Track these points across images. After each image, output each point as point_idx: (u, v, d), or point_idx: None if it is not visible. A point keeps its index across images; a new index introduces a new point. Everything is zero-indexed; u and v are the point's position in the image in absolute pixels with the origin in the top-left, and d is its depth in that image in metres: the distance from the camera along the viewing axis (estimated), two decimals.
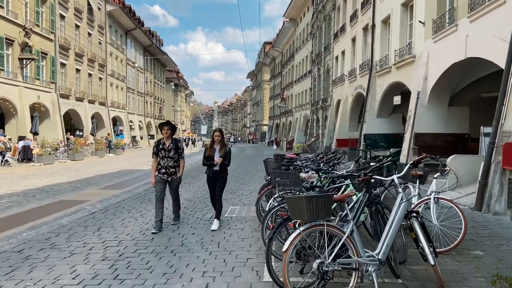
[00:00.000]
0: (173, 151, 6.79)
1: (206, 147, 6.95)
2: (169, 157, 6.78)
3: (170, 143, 6.80)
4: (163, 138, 6.86)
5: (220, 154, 6.76)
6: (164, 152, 6.77)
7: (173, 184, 6.94)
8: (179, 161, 6.93)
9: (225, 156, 6.80)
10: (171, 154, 6.79)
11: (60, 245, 5.81)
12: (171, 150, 6.76)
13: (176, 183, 6.96)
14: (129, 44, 45.20)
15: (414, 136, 12.98)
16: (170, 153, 6.77)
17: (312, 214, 3.58)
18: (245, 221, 7.50)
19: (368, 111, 18.31)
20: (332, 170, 6.19)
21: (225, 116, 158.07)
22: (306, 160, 10.11)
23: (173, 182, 6.92)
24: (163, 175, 6.85)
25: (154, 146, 6.94)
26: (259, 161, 24.14)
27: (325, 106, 29.01)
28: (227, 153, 6.85)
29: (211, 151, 6.81)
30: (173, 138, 6.90)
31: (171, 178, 6.86)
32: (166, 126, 6.79)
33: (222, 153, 6.77)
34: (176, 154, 6.83)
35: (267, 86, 68.93)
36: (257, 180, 13.92)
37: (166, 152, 6.77)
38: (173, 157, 6.81)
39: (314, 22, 32.61)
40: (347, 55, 23.18)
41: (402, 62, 15.04)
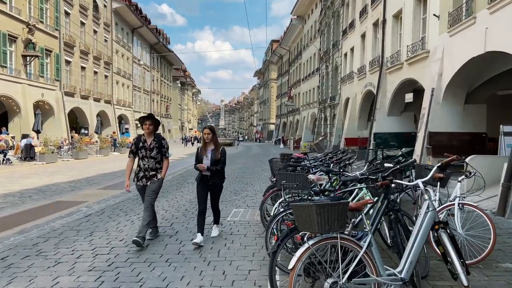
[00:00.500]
0: (155, 150, 5.73)
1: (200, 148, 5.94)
2: (151, 157, 5.72)
3: (152, 141, 5.74)
4: (144, 134, 5.80)
5: (211, 156, 5.72)
6: (145, 151, 5.71)
7: (150, 187, 5.73)
8: (162, 162, 5.86)
9: (218, 159, 5.73)
10: (153, 154, 5.72)
11: (47, 252, 5.34)
12: (153, 149, 5.71)
13: (154, 186, 5.75)
14: (135, 42, 44.91)
15: (428, 135, 12.36)
16: (152, 152, 5.71)
17: (323, 225, 3.04)
18: (249, 225, 6.97)
19: (379, 109, 17.68)
20: (343, 172, 5.64)
21: (232, 115, 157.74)
22: (314, 160, 9.58)
23: (151, 185, 5.75)
24: (141, 181, 5.77)
25: (133, 143, 5.86)
26: (265, 160, 23.56)
27: (333, 104, 28.40)
28: (221, 155, 5.79)
29: (202, 152, 5.79)
30: (156, 134, 5.84)
31: (151, 181, 5.76)
32: (148, 120, 5.74)
33: (215, 155, 5.72)
34: (159, 153, 5.77)
35: (274, 85, 68.37)
36: (262, 180, 13.39)
37: (147, 152, 5.71)
38: (155, 158, 5.74)
39: (322, 19, 31.98)
40: (356, 51, 22.55)
41: (414, 58, 14.40)
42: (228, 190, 11.15)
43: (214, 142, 5.77)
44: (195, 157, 5.88)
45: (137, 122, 44.99)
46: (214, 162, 5.68)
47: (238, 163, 21.43)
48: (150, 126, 5.73)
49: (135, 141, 5.84)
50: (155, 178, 5.80)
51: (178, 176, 14.63)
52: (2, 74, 20.75)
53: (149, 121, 5.74)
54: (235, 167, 18.95)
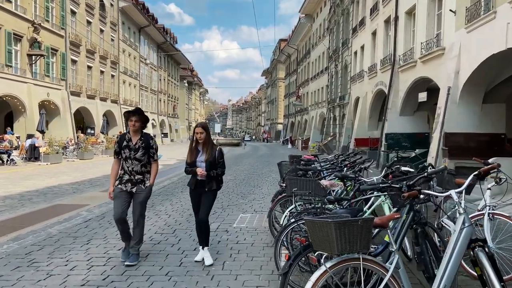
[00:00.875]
0: (141, 151, 4.92)
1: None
2: (135, 159, 4.92)
3: (138, 140, 4.93)
4: (129, 132, 5.01)
5: (206, 158, 4.86)
6: (129, 151, 4.91)
7: (138, 198, 4.94)
8: (150, 165, 5.05)
9: (213, 162, 4.88)
10: (139, 155, 4.92)
11: (40, 263, 4.95)
12: (138, 150, 4.91)
13: (143, 197, 4.95)
14: (142, 41, 44.72)
15: (444, 136, 11.81)
16: (138, 153, 4.91)
17: (343, 245, 2.59)
18: (256, 233, 6.53)
19: (390, 109, 17.12)
20: (359, 177, 5.17)
21: (239, 115, 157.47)
22: (325, 162, 9.11)
23: (139, 195, 4.94)
24: (125, 185, 4.94)
25: (116, 142, 5.11)
26: (273, 161, 23.18)
27: (342, 104, 27.85)
28: (217, 158, 4.90)
29: (193, 154, 4.92)
30: (143, 133, 5.03)
31: (137, 188, 4.94)
32: (134, 116, 4.90)
33: (209, 158, 4.85)
34: (145, 155, 4.96)
35: (282, 84, 67.87)
36: (270, 183, 12.95)
37: (131, 152, 4.91)
38: (140, 159, 4.94)
39: (332, 17, 31.43)
40: (367, 50, 22.00)
41: (429, 55, 13.84)
42: (234, 193, 10.74)
43: (207, 143, 4.92)
44: (186, 160, 5.04)
45: None
46: (210, 166, 4.85)
47: (245, 164, 21.02)
48: (136, 123, 4.90)
49: (119, 140, 5.07)
50: (142, 186, 4.98)
51: (184, 177, 14.23)
52: (7, 73, 20.57)
53: (135, 116, 4.91)
54: (242, 168, 18.54)
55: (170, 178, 14.03)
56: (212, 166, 4.88)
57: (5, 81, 20.12)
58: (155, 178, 5.16)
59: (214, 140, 35.04)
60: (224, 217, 7.78)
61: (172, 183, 12.84)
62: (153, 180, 5.12)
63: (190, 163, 4.95)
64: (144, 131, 5.10)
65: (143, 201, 5.01)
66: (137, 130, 4.97)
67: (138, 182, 4.99)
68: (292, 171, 6.72)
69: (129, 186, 4.96)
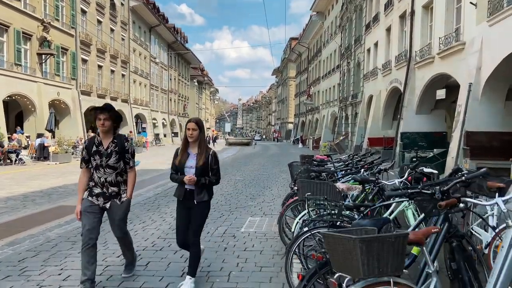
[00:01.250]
0: (115, 157, 3.94)
1: (177, 151, 4.15)
2: (108, 167, 3.93)
3: (110, 143, 3.94)
4: (98, 134, 4.02)
5: (198, 163, 3.95)
6: (100, 158, 3.91)
7: (115, 215, 4.01)
8: (126, 173, 4.08)
9: (205, 169, 3.96)
10: (112, 162, 3.93)
11: (32, 271, 4.59)
12: (111, 155, 3.92)
13: (120, 213, 4.03)
14: (153, 41, 44.59)
15: (465, 135, 11.20)
16: (111, 159, 3.92)
17: (370, 266, 2.12)
18: (265, 239, 6.08)
19: (406, 107, 16.49)
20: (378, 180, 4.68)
21: (249, 114, 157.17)
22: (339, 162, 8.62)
23: (115, 211, 4.01)
24: (96, 199, 3.97)
25: (84, 147, 4.08)
26: (284, 160, 22.69)
27: (355, 102, 27.22)
28: (210, 163, 3.99)
29: (182, 157, 4.02)
30: (116, 134, 4.04)
31: (112, 204, 3.99)
32: (103, 113, 3.86)
33: (201, 162, 3.94)
34: (120, 161, 3.98)
35: (292, 83, 67.26)
36: (280, 184, 12.48)
37: (103, 159, 3.91)
38: (115, 167, 3.96)
39: (344, 14, 30.80)
40: (381, 46, 21.37)
41: (448, 50, 13.21)
42: (243, 194, 10.31)
43: (200, 143, 3.99)
44: (171, 164, 4.14)
45: (155, 121, 44.53)
46: (201, 172, 3.93)
47: (254, 164, 20.57)
48: (105, 122, 3.85)
49: (87, 144, 4.03)
50: (118, 200, 4.00)
51: None
52: (16, 72, 20.48)
53: (103, 114, 3.86)
54: (252, 167, 18.10)
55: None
56: (204, 174, 3.96)
57: (15, 80, 20.02)
58: (133, 190, 4.14)
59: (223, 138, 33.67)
60: (231, 220, 7.35)
61: None
62: (131, 192, 4.11)
63: (177, 168, 4.03)
64: (120, 132, 4.27)
65: (121, 219, 4.07)
66: (108, 131, 3.94)
67: (112, 195, 3.98)
68: (303, 171, 6.26)
69: (102, 201, 3.98)
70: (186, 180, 3.91)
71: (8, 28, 19.95)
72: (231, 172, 15.90)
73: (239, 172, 16.01)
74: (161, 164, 18.94)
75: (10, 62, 20.16)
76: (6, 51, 20.09)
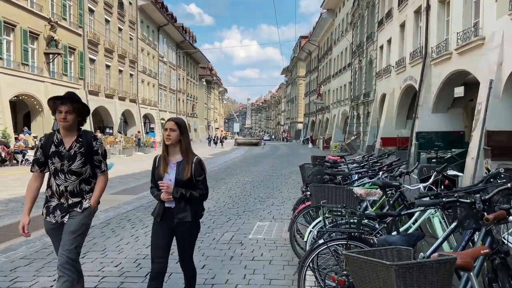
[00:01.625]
0: (80, 159, 3.11)
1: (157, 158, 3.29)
2: (72, 172, 3.11)
3: (74, 142, 3.11)
4: (58, 130, 3.17)
5: (178, 175, 3.14)
6: (61, 160, 3.10)
7: (69, 227, 3.10)
8: (93, 179, 3.25)
9: (188, 181, 3.12)
10: (76, 166, 3.11)
11: (22, 283, 4.30)
12: (75, 157, 3.10)
13: (75, 225, 3.09)
14: (161, 40, 44.40)
15: (485, 135, 10.59)
16: (74, 163, 3.10)
17: None
18: (275, 246, 5.63)
19: (422, 106, 15.87)
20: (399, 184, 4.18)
21: (258, 114, 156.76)
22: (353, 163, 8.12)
23: (71, 222, 3.11)
24: (53, 216, 3.17)
25: (38, 146, 3.21)
26: (293, 161, 22.25)
27: (367, 101, 26.59)
28: (194, 174, 3.14)
29: (162, 167, 3.19)
30: (81, 130, 3.21)
31: (71, 215, 3.13)
32: (64, 104, 3.04)
33: (184, 174, 3.12)
34: (86, 165, 3.16)
35: (302, 82, 66.62)
36: (290, 185, 12.01)
37: (64, 162, 3.10)
38: (79, 172, 3.13)
39: (355, 11, 30.17)
40: (394, 43, 20.74)
41: (466, 46, 12.60)
42: (252, 197, 9.88)
43: (182, 148, 3.16)
44: (151, 175, 3.30)
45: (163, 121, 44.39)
46: (183, 184, 3.10)
47: (264, 164, 20.12)
48: (68, 116, 3.03)
49: (43, 143, 3.16)
50: (78, 208, 3.12)
51: None
52: (24, 72, 20.33)
53: (65, 106, 3.03)
54: (261, 168, 17.65)
55: None
56: (187, 185, 3.12)
57: (22, 80, 19.87)
58: (100, 196, 3.25)
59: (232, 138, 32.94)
60: (239, 225, 6.92)
61: None
62: (97, 199, 3.21)
63: (156, 182, 3.16)
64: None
65: (73, 231, 3.03)
66: (71, 127, 3.08)
67: (72, 206, 3.13)
68: (315, 173, 5.80)
69: (59, 215, 3.13)
70: (163, 197, 3.08)
71: (14, 28, 19.80)
72: (239, 173, 15.49)
73: (248, 173, 15.59)
74: None
75: (17, 62, 20.01)
76: (13, 50, 19.94)
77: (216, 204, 8.89)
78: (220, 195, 10.07)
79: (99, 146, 3.22)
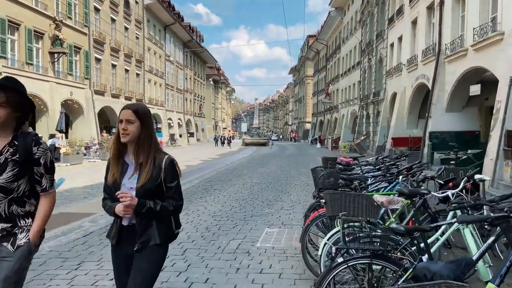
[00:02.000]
0: (11, 170, 2.20)
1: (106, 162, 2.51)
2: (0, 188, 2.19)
3: (6, 146, 2.24)
4: None
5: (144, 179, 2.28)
6: None
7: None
8: (31, 199, 2.31)
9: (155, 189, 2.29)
10: (4, 179, 2.18)
11: None
12: (5, 167, 2.19)
13: (6, 270, 2.15)
14: (168, 40, 44.15)
15: (505, 135, 10.05)
16: (2, 174, 2.18)
17: None
18: (285, 257, 5.19)
19: (435, 105, 15.32)
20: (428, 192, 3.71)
21: (266, 114, 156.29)
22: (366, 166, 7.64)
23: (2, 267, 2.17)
24: None
25: None
26: (302, 161, 21.79)
27: (377, 100, 26.02)
28: (164, 178, 2.31)
29: (115, 170, 2.35)
30: (20, 131, 2.33)
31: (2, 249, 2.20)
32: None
33: (146, 177, 2.28)
34: (19, 178, 2.23)
35: (310, 81, 66.02)
36: (299, 187, 11.55)
37: None
38: (7, 188, 2.20)
39: (365, 8, 29.59)
40: (405, 40, 20.18)
41: (483, 42, 12.05)
42: (259, 200, 9.44)
43: (145, 145, 2.32)
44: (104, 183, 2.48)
45: (170, 121, 44.14)
46: (148, 194, 2.28)
47: (271, 165, 19.66)
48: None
49: None
50: (9, 246, 2.20)
51: (205, 181, 13.09)
52: (28, 71, 20.11)
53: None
54: (269, 169, 17.21)
55: (191, 181, 12.93)
56: (154, 196, 2.29)
57: (26, 79, 19.54)
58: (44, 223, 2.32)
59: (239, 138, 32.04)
60: (246, 232, 6.49)
61: (193, 186, 11.69)
62: (38, 231, 2.29)
63: (110, 189, 2.35)
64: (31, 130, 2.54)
65: (5, 279, 2.14)
66: (3, 125, 2.25)
67: (5, 236, 2.22)
68: (326, 176, 5.35)
69: None
70: (119, 210, 2.21)
71: (19, 26, 19.58)
72: (247, 174, 15.06)
73: (256, 174, 15.16)
74: None
75: (21, 61, 19.80)
76: (18, 50, 19.73)
77: (223, 208, 8.47)
78: (227, 198, 9.65)
79: (43, 154, 2.27)
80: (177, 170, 2.38)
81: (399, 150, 16.52)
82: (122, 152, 2.38)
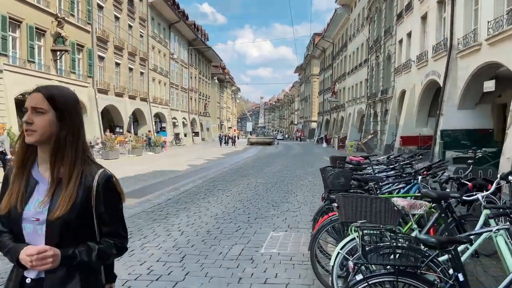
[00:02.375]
0: None
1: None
2: None
3: None
4: None
5: (56, 206, 1.41)
6: None
7: None
8: None
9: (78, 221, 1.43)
10: None
11: None
12: None
13: None
14: (172, 38, 43.80)
15: None
16: None
17: None
18: (292, 264, 4.75)
19: (447, 102, 14.77)
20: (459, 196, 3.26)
21: (272, 113, 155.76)
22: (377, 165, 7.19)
23: None
24: None
25: None
26: (308, 161, 21.31)
27: (385, 99, 25.46)
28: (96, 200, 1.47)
29: (15, 189, 1.46)
30: None
31: None
32: None
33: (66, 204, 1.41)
34: None
35: (316, 80, 65.43)
36: (306, 188, 11.10)
37: None
38: None
39: (372, 4, 29.01)
40: (415, 36, 19.62)
41: (499, 35, 11.51)
42: (264, 201, 9.00)
43: (61, 151, 1.45)
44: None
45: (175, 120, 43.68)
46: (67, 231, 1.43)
47: (277, 164, 19.21)
48: None
49: None
50: None
51: (208, 181, 12.68)
52: (29, 69, 19.80)
53: None
54: (274, 169, 16.76)
55: (194, 181, 12.54)
56: (76, 234, 1.46)
57: (28, 77, 19.31)
58: None
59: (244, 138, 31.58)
60: (250, 236, 6.06)
61: (196, 187, 11.27)
62: None
63: (8, 221, 1.47)
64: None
65: None
66: None
67: None
68: (336, 176, 4.90)
69: None
70: (25, 261, 1.34)
71: (20, 24, 19.26)
72: (251, 174, 14.63)
73: (260, 174, 14.72)
74: (179, 165, 17.83)
75: (23, 59, 19.51)
76: (19, 47, 19.42)
77: (225, 209, 8.05)
78: (230, 199, 9.23)
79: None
80: (117, 191, 1.54)
81: (408, 149, 16.01)
82: (26, 163, 1.51)
